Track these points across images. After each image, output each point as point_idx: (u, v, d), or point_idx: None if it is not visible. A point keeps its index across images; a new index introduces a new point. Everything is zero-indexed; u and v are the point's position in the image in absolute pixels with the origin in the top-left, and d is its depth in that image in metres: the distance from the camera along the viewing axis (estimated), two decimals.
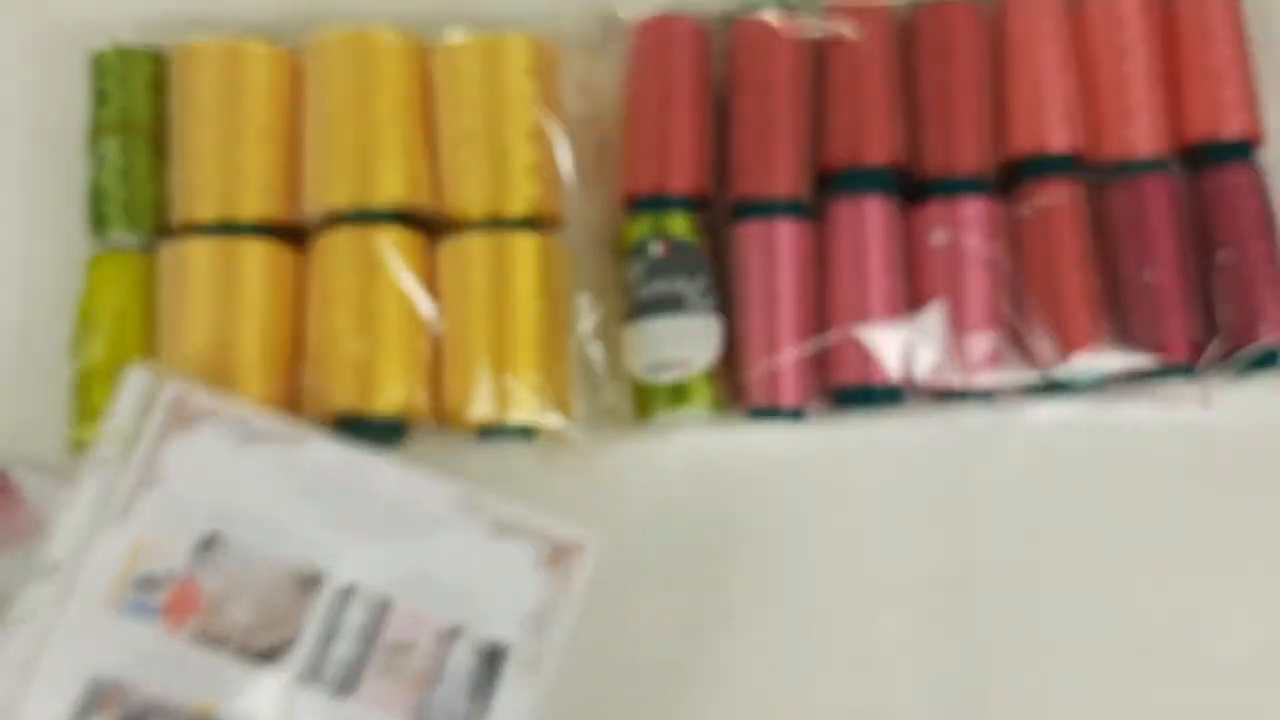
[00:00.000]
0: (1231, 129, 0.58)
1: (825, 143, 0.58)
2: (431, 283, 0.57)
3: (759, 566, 0.58)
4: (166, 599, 0.49)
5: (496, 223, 0.56)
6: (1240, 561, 0.59)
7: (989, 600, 0.58)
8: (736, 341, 0.57)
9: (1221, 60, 0.58)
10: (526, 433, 0.56)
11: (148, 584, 0.49)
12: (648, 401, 0.57)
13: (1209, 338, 0.57)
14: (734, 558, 0.58)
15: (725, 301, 0.57)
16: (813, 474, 0.59)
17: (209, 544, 0.49)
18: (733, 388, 0.57)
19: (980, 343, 0.56)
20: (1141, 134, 0.58)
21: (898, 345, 0.56)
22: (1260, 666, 0.58)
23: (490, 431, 0.56)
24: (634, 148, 0.58)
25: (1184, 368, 0.57)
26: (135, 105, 0.58)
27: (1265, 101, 0.59)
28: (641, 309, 0.56)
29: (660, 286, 0.56)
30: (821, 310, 0.57)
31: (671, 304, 0.56)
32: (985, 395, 0.57)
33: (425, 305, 0.56)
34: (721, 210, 0.59)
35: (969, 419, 0.59)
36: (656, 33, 0.59)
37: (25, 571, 0.49)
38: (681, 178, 0.58)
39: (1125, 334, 0.57)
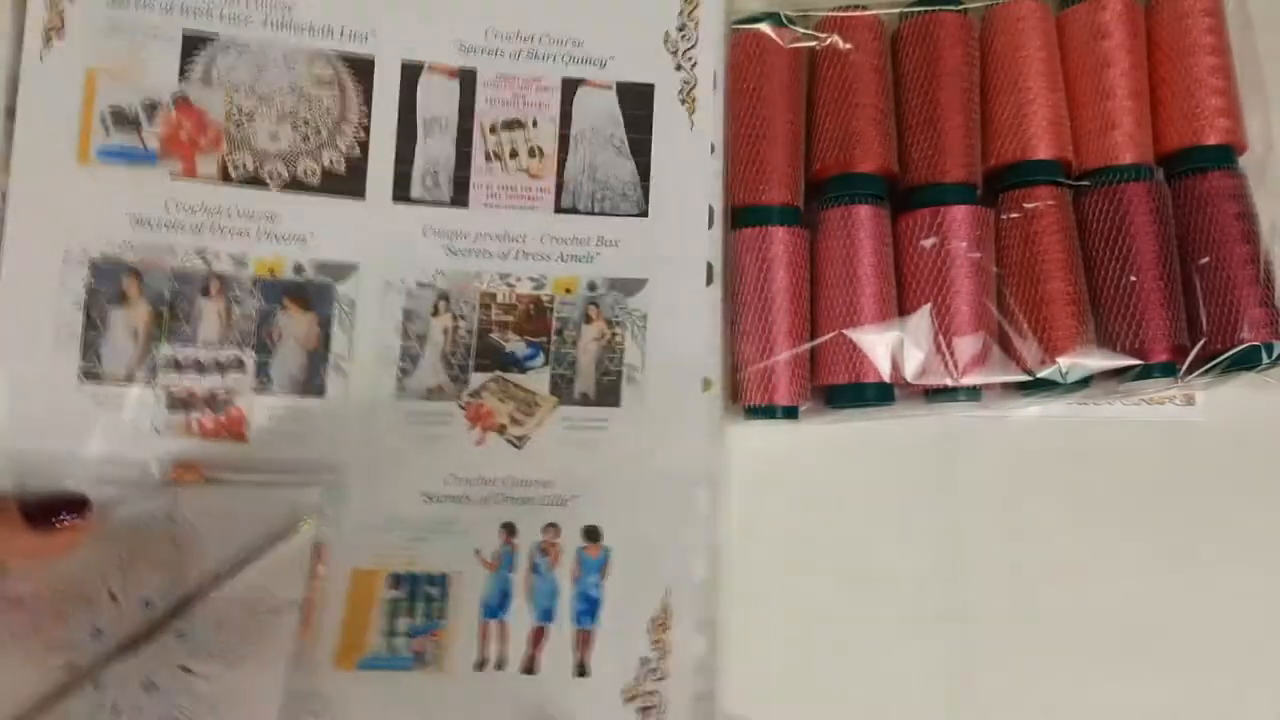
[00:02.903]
0: (1213, 135, 0.59)
1: (817, 151, 0.59)
2: None
3: (753, 560, 0.59)
4: (160, 136, 0.39)
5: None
6: (1222, 557, 0.60)
7: (977, 595, 0.59)
8: (733, 343, 0.57)
9: (1203, 67, 0.59)
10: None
11: (122, 120, 0.39)
12: None
13: (1191, 339, 0.57)
14: (729, 552, 0.59)
15: (722, 304, 0.58)
16: (806, 470, 0.60)
17: (197, 49, 0.39)
18: (729, 387, 0.58)
19: (968, 344, 0.56)
20: (1124, 141, 0.59)
21: (888, 346, 0.56)
22: (1242, 659, 0.59)
23: None
24: None
25: (1166, 369, 0.57)
26: None
27: (1246, 108, 0.60)
28: None
29: None
30: (814, 313, 0.58)
31: None
32: (973, 395, 0.58)
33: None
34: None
35: (957, 418, 0.60)
36: None
37: None
38: None
39: (1109, 336, 0.57)
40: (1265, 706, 0.59)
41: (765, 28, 0.59)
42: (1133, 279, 0.57)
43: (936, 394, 0.58)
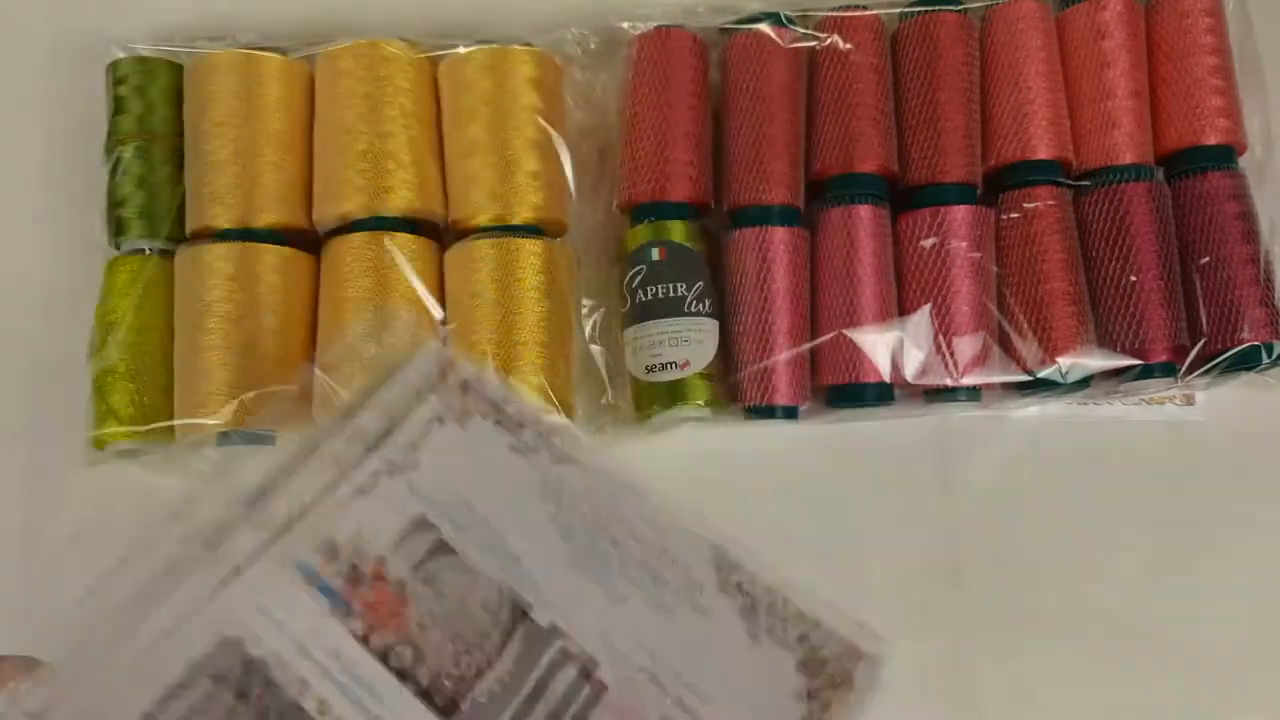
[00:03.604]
0: (1213, 135, 0.59)
1: (818, 151, 0.59)
2: (440, 288, 0.58)
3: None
4: (367, 596, 0.38)
5: (503, 229, 0.57)
6: (1222, 557, 0.60)
7: (976, 593, 0.59)
8: (733, 343, 0.58)
9: (1203, 67, 0.59)
10: None
11: (353, 573, 0.38)
12: (647, 401, 0.57)
13: (1191, 339, 0.57)
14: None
15: (722, 304, 0.58)
16: (806, 470, 0.60)
17: (434, 552, 0.39)
18: (729, 387, 0.58)
19: (968, 344, 0.56)
20: (1124, 141, 0.59)
21: (888, 346, 0.56)
22: (1242, 658, 0.59)
23: None
24: (634, 157, 0.59)
25: (1166, 368, 0.57)
26: (153, 114, 0.59)
27: (1246, 108, 0.60)
28: (641, 312, 0.57)
29: (659, 290, 0.57)
30: (814, 313, 0.58)
31: (670, 307, 0.57)
32: (972, 395, 0.58)
33: (434, 309, 0.57)
34: (718, 216, 0.60)
35: (957, 417, 0.61)
36: (656, 45, 0.59)
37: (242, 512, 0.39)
38: (680, 186, 0.58)
39: (1109, 336, 0.57)
40: (1265, 705, 0.59)
41: (765, 28, 0.59)
42: (1133, 279, 0.57)
43: (936, 394, 0.58)
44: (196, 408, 0.55)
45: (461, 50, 0.59)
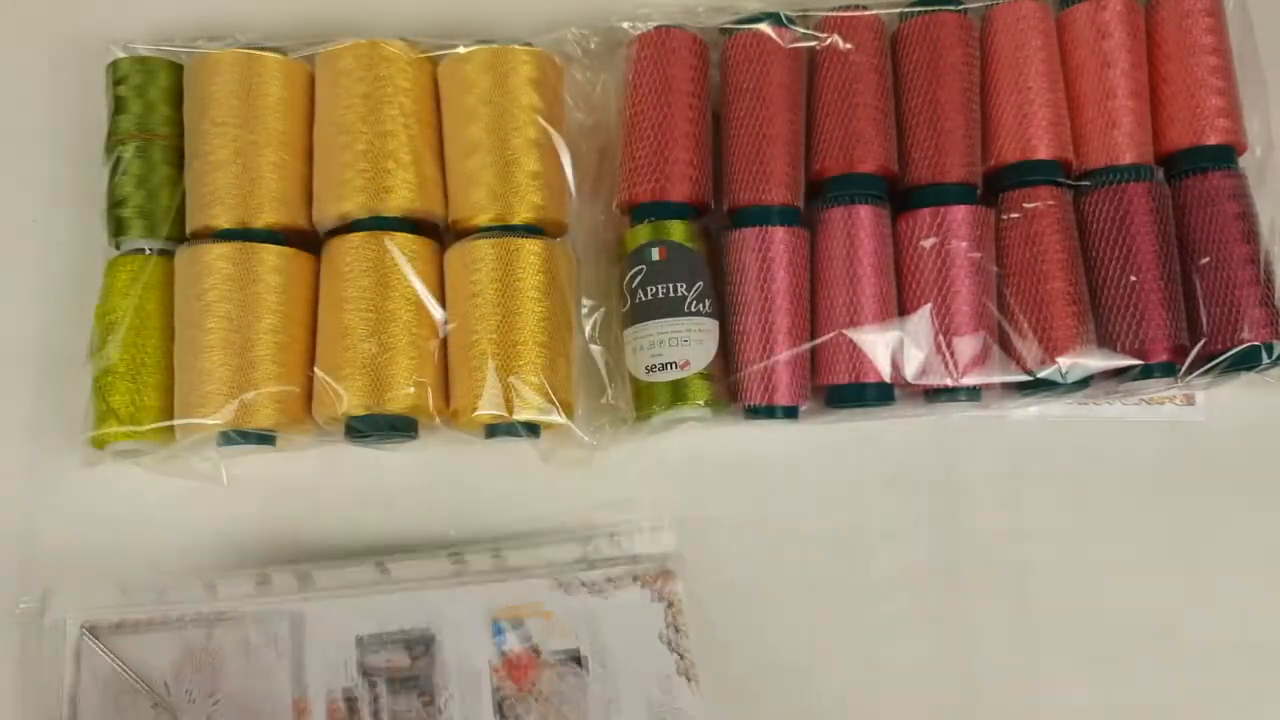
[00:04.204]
0: (1213, 135, 0.59)
1: (818, 151, 0.59)
2: (440, 287, 0.58)
3: (755, 558, 0.59)
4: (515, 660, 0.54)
5: (503, 228, 0.57)
6: (1222, 556, 0.60)
7: (976, 591, 0.59)
8: (733, 343, 0.58)
9: (1204, 68, 0.59)
10: (532, 429, 0.57)
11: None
12: (648, 400, 0.57)
13: (1191, 339, 0.57)
14: (730, 549, 0.59)
15: (722, 305, 0.58)
16: (807, 470, 0.61)
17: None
18: (729, 387, 0.58)
19: (968, 344, 0.56)
20: (1124, 141, 0.59)
21: (888, 346, 0.56)
22: (1241, 657, 0.59)
23: (496, 429, 0.56)
24: (634, 156, 0.59)
25: (1166, 368, 0.57)
26: (152, 114, 0.59)
27: (1246, 108, 0.60)
28: (641, 312, 0.57)
29: (659, 290, 0.57)
30: (814, 313, 0.58)
31: (670, 307, 0.57)
32: (972, 395, 0.58)
33: (434, 308, 0.57)
34: (718, 216, 0.60)
35: (957, 418, 0.61)
36: (656, 44, 0.59)
37: None
38: (680, 186, 0.58)
39: (1109, 336, 0.57)
40: (1265, 704, 0.59)
41: (765, 28, 0.59)
42: (1133, 279, 0.57)
43: (936, 394, 0.58)
44: (196, 407, 0.55)
45: (461, 50, 0.59)
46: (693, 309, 0.57)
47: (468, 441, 0.58)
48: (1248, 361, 0.57)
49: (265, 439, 0.56)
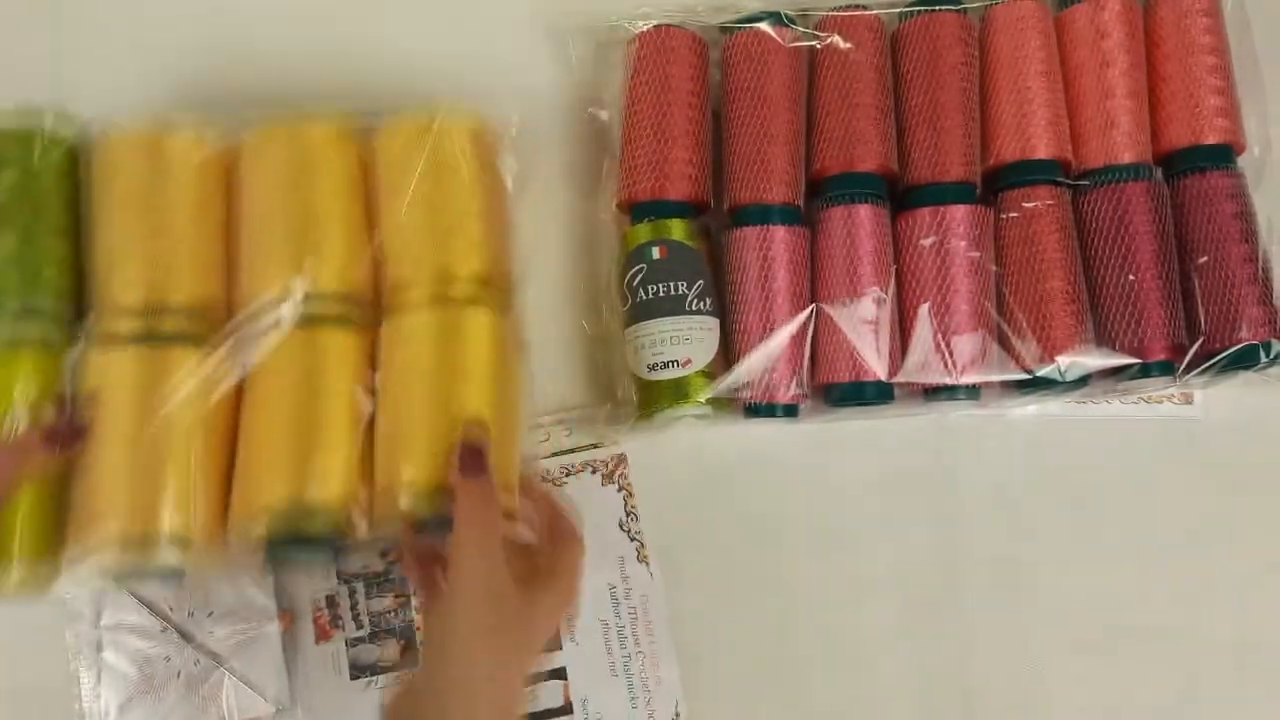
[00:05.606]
0: (1212, 135, 0.59)
1: (818, 150, 0.59)
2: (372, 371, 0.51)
3: (754, 556, 0.60)
4: None
5: (441, 300, 0.50)
6: (1220, 554, 0.60)
7: (974, 590, 0.60)
8: (733, 341, 0.58)
9: (1202, 67, 0.59)
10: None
11: None
12: (649, 399, 0.57)
13: (1190, 338, 0.58)
14: (731, 548, 0.60)
15: (722, 303, 0.58)
16: (806, 468, 0.61)
17: None
18: (730, 386, 0.57)
19: (967, 343, 0.56)
20: (1123, 140, 0.59)
21: (887, 345, 0.57)
22: (1240, 655, 0.59)
23: (425, 525, 0.47)
24: (634, 155, 0.59)
25: (1165, 367, 0.58)
26: (39, 190, 0.51)
27: (1244, 108, 0.60)
28: (642, 310, 0.57)
29: (660, 288, 0.57)
30: (814, 312, 0.58)
31: (671, 305, 0.57)
32: (972, 393, 0.58)
33: (364, 404, 0.50)
34: (718, 215, 0.60)
35: (956, 416, 0.61)
36: (656, 44, 0.60)
37: None
38: (680, 185, 0.58)
39: (1107, 334, 0.57)
40: (1264, 703, 0.59)
41: (765, 27, 0.59)
42: (1131, 278, 0.57)
43: (935, 392, 0.58)
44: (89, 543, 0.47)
45: (390, 121, 0.53)
46: (694, 307, 0.57)
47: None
48: (1245, 360, 0.57)
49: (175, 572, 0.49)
